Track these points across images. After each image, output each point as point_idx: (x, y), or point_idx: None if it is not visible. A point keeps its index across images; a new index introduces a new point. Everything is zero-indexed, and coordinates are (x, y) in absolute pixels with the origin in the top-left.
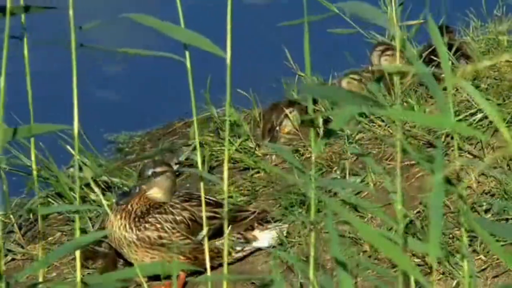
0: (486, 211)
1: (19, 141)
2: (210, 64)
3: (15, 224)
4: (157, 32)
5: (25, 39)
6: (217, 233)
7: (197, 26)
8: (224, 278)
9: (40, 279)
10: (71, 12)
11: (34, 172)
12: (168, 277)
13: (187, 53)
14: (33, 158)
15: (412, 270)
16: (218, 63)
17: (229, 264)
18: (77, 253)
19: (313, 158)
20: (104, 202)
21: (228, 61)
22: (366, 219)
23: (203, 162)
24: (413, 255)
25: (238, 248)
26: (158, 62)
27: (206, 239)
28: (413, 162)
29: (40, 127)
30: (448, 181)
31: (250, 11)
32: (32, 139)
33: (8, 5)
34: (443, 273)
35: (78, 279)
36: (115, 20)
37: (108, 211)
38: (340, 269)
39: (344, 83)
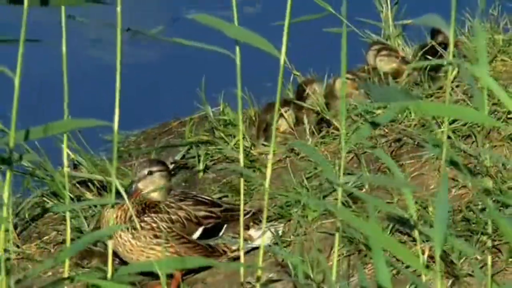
0: (482, 210)
1: None
2: (206, 63)
3: (10, 224)
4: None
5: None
6: (213, 232)
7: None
8: (257, 266)
9: (66, 274)
10: (118, 9)
11: (66, 169)
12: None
13: (237, 49)
14: (65, 154)
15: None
16: (214, 63)
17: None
18: (109, 243)
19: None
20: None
21: (282, 61)
22: (362, 217)
23: (198, 161)
24: None
25: (234, 248)
26: (155, 62)
27: (241, 231)
28: (408, 161)
29: (76, 122)
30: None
31: (246, 10)
32: (65, 135)
33: None
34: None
35: (110, 273)
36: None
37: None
38: None
39: (338, 83)
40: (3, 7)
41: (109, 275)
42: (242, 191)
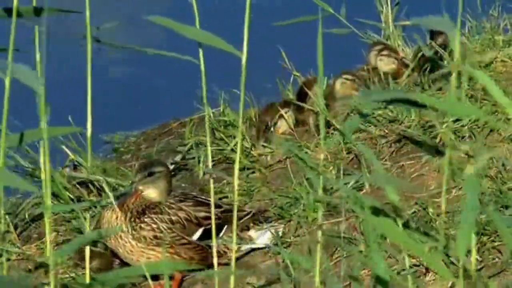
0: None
1: None
2: (207, 64)
3: (10, 224)
4: (173, 33)
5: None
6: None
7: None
8: (231, 273)
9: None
10: (87, 13)
11: (45, 174)
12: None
13: (201, 52)
14: (42, 159)
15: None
16: (213, 63)
17: (225, 264)
18: (87, 250)
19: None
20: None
21: (244, 61)
22: (360, 220)
23: (198, 162)
24: (408, 255)
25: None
26: (154, 63)
27: (213, 232)
28: (408, 162)
29: (53, 130)
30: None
31: (244, 10)
32: (45, 142)
33: (46, 5)
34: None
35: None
36: (132, 22)
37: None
38: None
39: (338, 84)
40: None
41: (87, 279)
42: (212, 192)
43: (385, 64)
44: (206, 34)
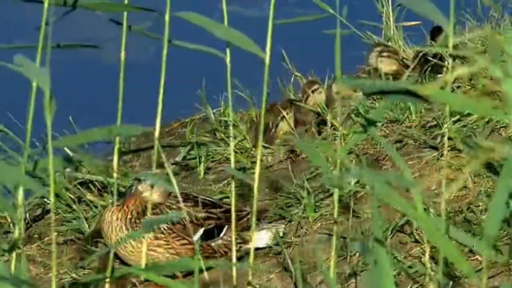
0: (483, 211)
1: (14, 141)
2: (206, 64)
3: (11, 224)
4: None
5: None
6: (213, 233)
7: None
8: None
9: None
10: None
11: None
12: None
13: (227, 51)
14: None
15: (470, 271)
16: (214, 64)
17: None
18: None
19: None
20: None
21: (267, 61)
22: (362, 219)
23: (199, 162)
24: (409, 255)
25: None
26: (154, 63)
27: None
28: (409, 162)
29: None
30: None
31: (245, 10)
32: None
33: None
34: None
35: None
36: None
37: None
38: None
39: (335, 86)
40: None
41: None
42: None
43: (386, 65)
44: (234, 32)
